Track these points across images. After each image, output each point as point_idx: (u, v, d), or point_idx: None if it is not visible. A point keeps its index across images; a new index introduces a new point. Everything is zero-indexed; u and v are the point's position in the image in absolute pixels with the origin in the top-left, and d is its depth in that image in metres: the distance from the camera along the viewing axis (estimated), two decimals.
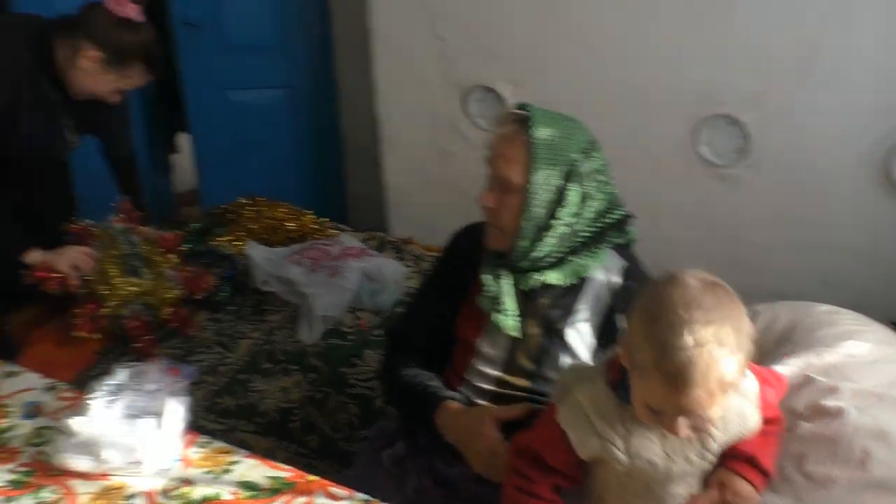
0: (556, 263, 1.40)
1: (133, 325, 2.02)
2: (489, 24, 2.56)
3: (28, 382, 1.43)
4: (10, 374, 1.45)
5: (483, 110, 2.70)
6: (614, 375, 1.14)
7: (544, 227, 1.35)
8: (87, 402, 1.24)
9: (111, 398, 1.25)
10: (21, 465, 1.24)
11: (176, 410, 1.26)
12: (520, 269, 1.41)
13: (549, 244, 1.36)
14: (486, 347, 1.45)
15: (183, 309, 2.12)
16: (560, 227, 1.35)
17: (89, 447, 1.19)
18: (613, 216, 1.41)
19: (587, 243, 1.40)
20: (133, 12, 1.89)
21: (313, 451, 1.86)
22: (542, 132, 1.31)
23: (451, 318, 1.51)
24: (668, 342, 0.97)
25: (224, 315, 2.28)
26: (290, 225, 2.65)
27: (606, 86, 2.44)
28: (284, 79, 3.29)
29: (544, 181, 1.31)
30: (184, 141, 3.78)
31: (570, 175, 1.33)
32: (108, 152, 2.31)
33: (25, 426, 1.32)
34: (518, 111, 1.36)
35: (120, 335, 2.04)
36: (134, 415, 1.24)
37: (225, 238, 2.50)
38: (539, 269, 1.40)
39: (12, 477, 1.21)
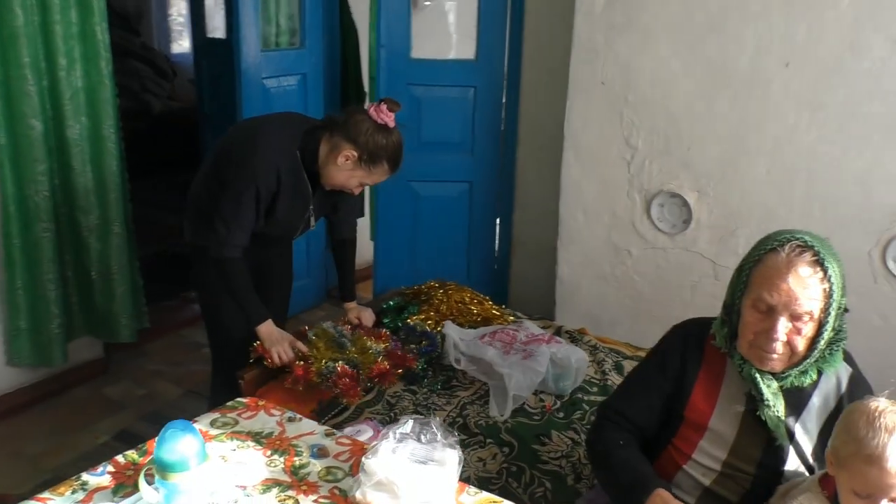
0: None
1: (342, 374, 2.21)
2: (683, 136, 2.75)
3: (309, 427, 1.64)
4: (291, 420, 1.66)
5: (663, 214, 2.86)
6: (830, 491, 1.36)
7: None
8: (379, 447, 1.42)
9: (396, 445, 1.43)
10: (322, 497, 1.42)
11: (452, 460, 1.42)
12: (782, 377, 1.54)
13: (816, 355, 1.51)
14: (717, 430, 1.57)
15: (383, 364, 2.30)
16: (829, 338, 1.50)
17: (385, 486, 1.37)
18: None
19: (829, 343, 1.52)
20: (390, 119, 2.17)
21: None
22: (834, 268, 1.45)
23: (671, 401, 1.65)
24: (867, 433, 1.28)
25: (419, 387, 2.46)
26: (474, 308, 2.84)
27: (796, 199, 2.56)
28: (466, 174, 3.58)
29: (837, 307, 1.47)
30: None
31: (844, 292, 1.48)
32: (333, 233, 2.59)
33: (316, 465, 1.51)
34: (799, 247, 1.46)
35: (329, 390, 2.23)
36: (419, 461, 1.41)
37: (417, 317, 2.70)
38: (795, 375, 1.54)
39: None
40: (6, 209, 2.85)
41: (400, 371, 2.39)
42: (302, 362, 2.23)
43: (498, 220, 3.70)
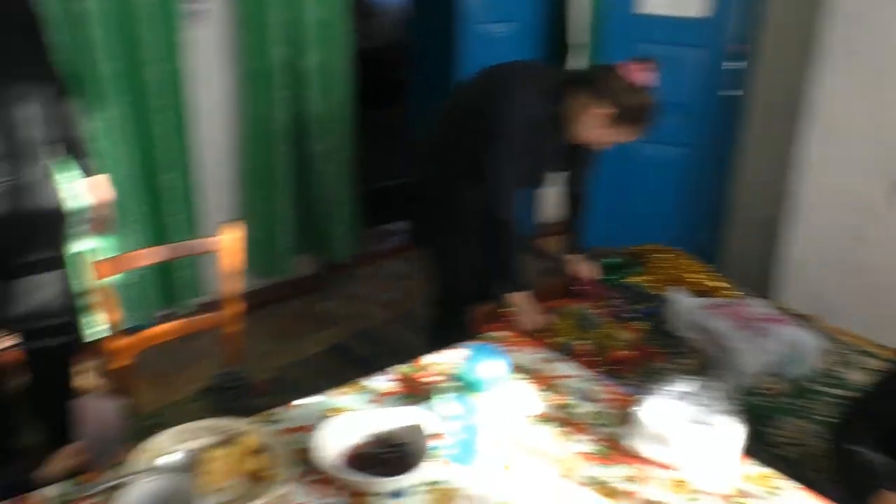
0: None
1: (579, 352, 2.15)
2: None
3: (569, 370, 1.69)
4: (546, 360, 1.72)
5: None
6: None
7: None
8: (654, 400, 1.43)
9: (674, 401, 1.44)
10: (594, 438, 1.45)
11: (735, 428, 1.41)
12: None
13: None
14: None
15: (627, 352, 2.23)
16: None
17: (660, 440, 1.38)
18: None
19: None
20: (646, 79, 2.09)
21: None
22: None
23: None
24: None
25: None
26: (690, 277, 2.76)
27: None
28: (686, 137, 3.47)
29: None
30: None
31: None
32: (568, 186, 2.59)
33: (583, 406, 1.55)
34: None
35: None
36: (697, 421, 1.41)
37: (639, 278, 2.67)
38: None
39: (594, 448, 1.43)
40: (249, 129, 3.07)
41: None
42: (545, 332, 2.21)
43: (715, 189, 3.56)
